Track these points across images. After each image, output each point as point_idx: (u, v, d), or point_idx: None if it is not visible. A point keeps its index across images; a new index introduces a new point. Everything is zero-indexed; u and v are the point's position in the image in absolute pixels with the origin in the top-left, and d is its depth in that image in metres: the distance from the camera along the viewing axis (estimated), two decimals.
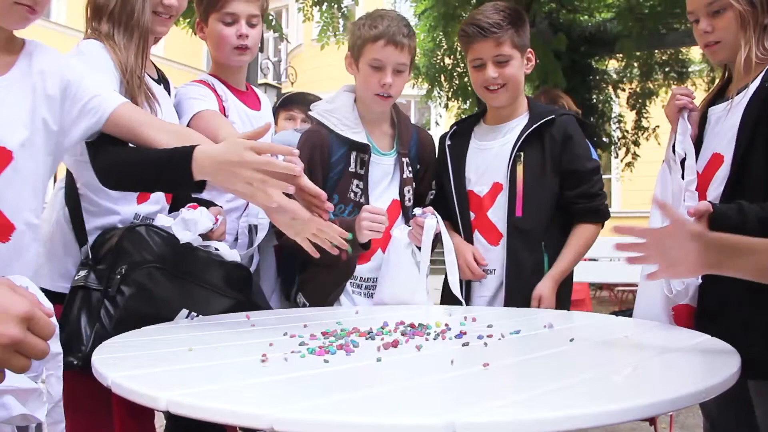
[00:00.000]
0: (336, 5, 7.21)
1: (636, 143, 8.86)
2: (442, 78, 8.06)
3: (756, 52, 1.48)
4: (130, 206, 1.57)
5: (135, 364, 0.98)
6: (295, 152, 1.26)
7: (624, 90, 8.99)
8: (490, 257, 1.86)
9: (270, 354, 1.00)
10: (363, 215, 1.69)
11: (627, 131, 8.96)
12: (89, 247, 1.49)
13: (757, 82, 1.46)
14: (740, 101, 1.49)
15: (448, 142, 1.98)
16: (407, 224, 1.84)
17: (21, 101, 1.28)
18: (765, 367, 1.30)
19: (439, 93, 8.38)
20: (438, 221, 1.76)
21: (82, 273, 1.45)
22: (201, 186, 1.27)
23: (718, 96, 1.62)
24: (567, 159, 1.84)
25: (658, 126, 8.46)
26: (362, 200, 1.81)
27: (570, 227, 1.88)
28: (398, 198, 1.87)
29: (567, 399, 0.75)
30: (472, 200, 1.91)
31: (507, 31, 1.80)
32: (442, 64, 8.00)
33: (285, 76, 13.00)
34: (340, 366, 0.94)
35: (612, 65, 8.98)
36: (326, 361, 0.96)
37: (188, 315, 1.47)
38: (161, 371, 0.93)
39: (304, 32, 15.21)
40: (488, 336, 1.17)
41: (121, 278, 1.40)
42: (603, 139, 8.26)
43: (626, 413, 0.69)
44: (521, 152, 1.84)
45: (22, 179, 1.26)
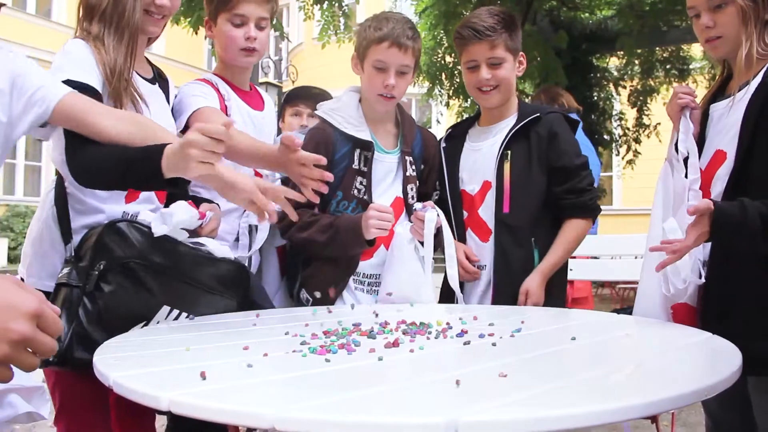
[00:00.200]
0: (337, 4, 7.20)
1: (637, 141, 8.87)
2: (443, 76, 8.04)
3: (757, 48, 1.47)
4: (119, 205, 1.56)
5: (136, 364, 0.97)
6: (222, 129, 1.22)
7: (625, 87, 9.00)
8: (482, 254, 1.89)
9: (271, 353, 1.00)
10: (370, 213, 1.71)
11: (628, 129, 8.97)
12: (73, 245, 1.47)
13: (759, 78, 1.46)
14: (742, 98, 1.49)
15: (443, 145, 2.02)
16: (410, 221, 1.85)
17: None
18: (765, 364, 1.30)
19: (440, 91, 8.36)
20: (438, 214, 1.78)
21: (65, 270, 1.43)
22: (174, 183, 1.29)
23: (719, 92, 1.62)
24: (553, 155, 1.87)
25: (659, 123, 8.45)
26: (365, 197, 1.83)
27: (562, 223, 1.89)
28: (401, 195, 1.89)
29: (569, 397, 0.75)
30: (465, 199, 1.95)
31: (501, 35, 1.85)
32: (443, 63, 7.98)
33: (286, 75, 12.97)
34: (342, 365, 0.94)
35: (613, 63, 8.98)
36: (328, 361, 0.96)
37: (170, 312, 1.45)
38: (162, 371, 0.92)
39: (305, 31, 15.17)
40: (489, 335, 1.17)
41: (99, 274, 1.39)
42: (604, 137, 8.25)
43: (628, 412, 0.69)
44: (508, 150, 1.88)
45: None
